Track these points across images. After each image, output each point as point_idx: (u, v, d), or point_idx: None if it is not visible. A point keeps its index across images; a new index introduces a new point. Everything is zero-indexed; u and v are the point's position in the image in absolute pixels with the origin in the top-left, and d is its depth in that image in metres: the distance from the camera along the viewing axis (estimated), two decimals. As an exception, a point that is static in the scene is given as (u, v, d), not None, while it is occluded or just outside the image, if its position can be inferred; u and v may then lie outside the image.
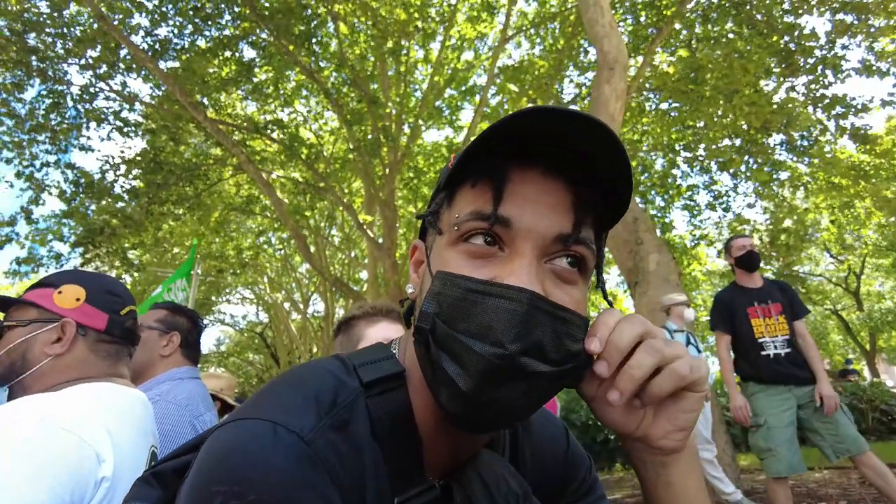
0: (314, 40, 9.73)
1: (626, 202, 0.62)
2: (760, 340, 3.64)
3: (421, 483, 0.65)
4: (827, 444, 3.42)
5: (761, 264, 4.03)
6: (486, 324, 0.54)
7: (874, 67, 8.61)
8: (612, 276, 16.03)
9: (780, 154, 10.33)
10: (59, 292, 1.24)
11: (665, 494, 0.64)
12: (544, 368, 0.54)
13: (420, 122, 12.00)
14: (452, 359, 0.55)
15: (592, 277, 0.68)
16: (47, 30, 8.66)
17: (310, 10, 9.18)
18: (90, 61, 9.19)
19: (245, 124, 11.23)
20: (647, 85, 10.04)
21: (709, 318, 4.04)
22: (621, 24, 10.49)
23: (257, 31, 9.45)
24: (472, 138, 0.58)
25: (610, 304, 0.73)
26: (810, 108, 9.01)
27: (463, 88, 12.72)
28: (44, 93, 9.37)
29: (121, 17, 8.84)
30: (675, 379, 0.57)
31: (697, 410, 0.61)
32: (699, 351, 5.02)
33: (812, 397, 3.48)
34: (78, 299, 1.25)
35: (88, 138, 10.22)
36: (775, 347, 3.60)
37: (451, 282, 0.58)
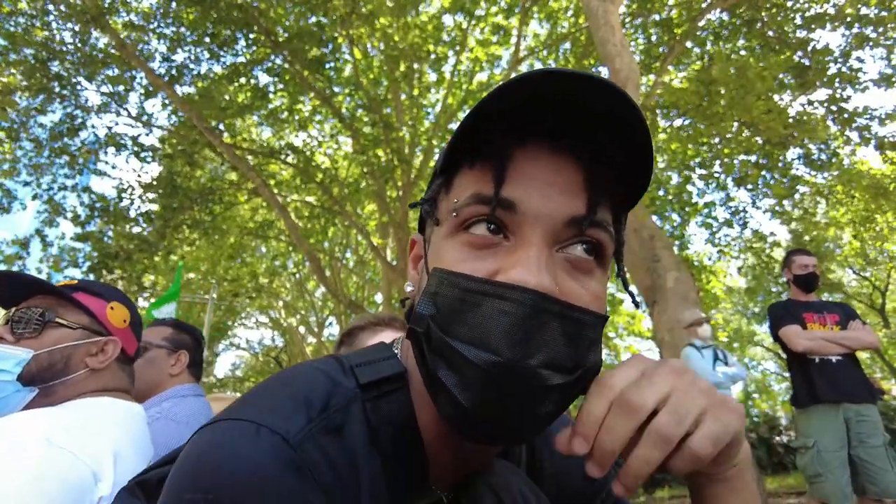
0: (328, 65, 9.85)
1: (647, 179, 0.54)
2: None
3: (426, 496, 0.59)
4: (861, 479, 3.25)
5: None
6: (485, 329, 0.47)
7: (894, 80, 8.49)
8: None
9: (796, 168, 10.19)
10: (111, 308, 1.27)
11: None
12: (555, 380, 0.47)
13: (433, 143, 12.05)
14: (449, 368, 0.49)
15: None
16: (69, 57, 8.88)
17: (325, 35, 9.30)
18: (107, 85, 9.40)
19: (260, 149, 11.36)
20: (659, 102, 10.01)
21: (768, 328, 3.85)
22: (633, 43, 10.51)
23: (272, 56, 9.61)
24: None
25: (632, 295, 0.66)
26: (829, 121, 8.89)
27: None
28: (64, 119, 9.58)
29: (140, 45, 9.06)
30: (693, 461, 0.46)
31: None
32: (727, 365, 4.80)
33: (862, 417, 3.30)
34: (125, 321, 1.30)
35: (106, 163, 10.40)
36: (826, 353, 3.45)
37: (447, 280, 0.51)
